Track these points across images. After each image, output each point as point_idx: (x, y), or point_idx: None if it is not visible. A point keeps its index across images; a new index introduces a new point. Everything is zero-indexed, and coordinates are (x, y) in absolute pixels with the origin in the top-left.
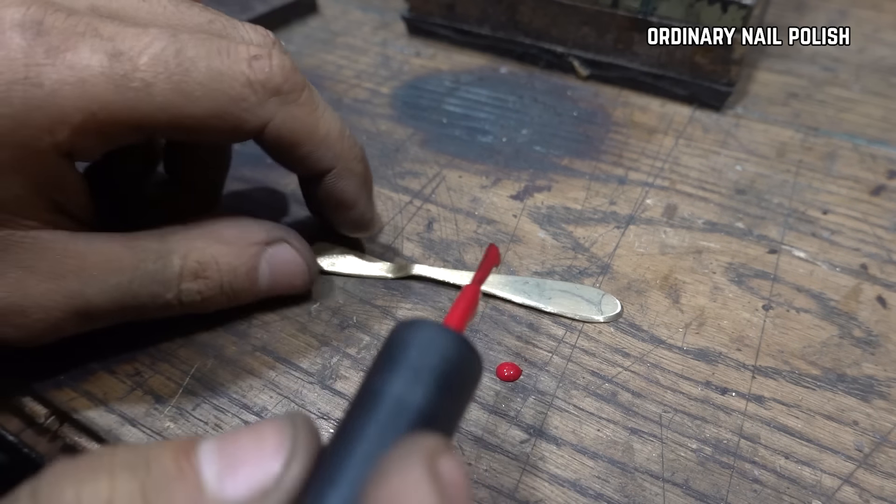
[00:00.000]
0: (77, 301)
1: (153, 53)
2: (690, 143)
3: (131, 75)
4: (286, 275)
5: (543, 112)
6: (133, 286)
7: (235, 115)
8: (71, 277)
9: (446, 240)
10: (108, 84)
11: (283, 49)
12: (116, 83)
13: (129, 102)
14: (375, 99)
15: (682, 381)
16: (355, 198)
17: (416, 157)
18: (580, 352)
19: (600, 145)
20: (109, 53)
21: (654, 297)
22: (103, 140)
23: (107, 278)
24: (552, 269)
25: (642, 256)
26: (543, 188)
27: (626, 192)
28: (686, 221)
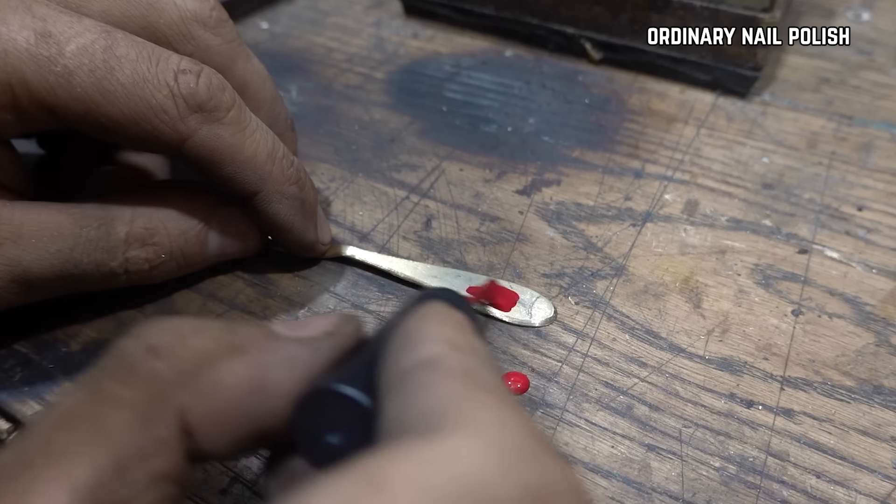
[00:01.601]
0: (15, 269)
1: (82, 43)
2: (713, 132)
3: (55, 59)
4: (237, 236)
5: (552, 99)
6: (75, 254)
7: (153, 125)
8: (7, 245)
9: (446, 239)
10: (30, 61)
11: None
12: (39, 63)
13: (48, 85)
14: (369, 85)
15: (703, 394)
16: (288, 222)
17: (413, 149)
18: (592, 361)
19: (614, 135)
20: (38, 32)
21: (674, 302)
22: (18, 118)
23: (46, 246)
24: (562, 271)
25: (660, 257)
26: (552, 182)
27: (643, 186)
28: (708, 219)
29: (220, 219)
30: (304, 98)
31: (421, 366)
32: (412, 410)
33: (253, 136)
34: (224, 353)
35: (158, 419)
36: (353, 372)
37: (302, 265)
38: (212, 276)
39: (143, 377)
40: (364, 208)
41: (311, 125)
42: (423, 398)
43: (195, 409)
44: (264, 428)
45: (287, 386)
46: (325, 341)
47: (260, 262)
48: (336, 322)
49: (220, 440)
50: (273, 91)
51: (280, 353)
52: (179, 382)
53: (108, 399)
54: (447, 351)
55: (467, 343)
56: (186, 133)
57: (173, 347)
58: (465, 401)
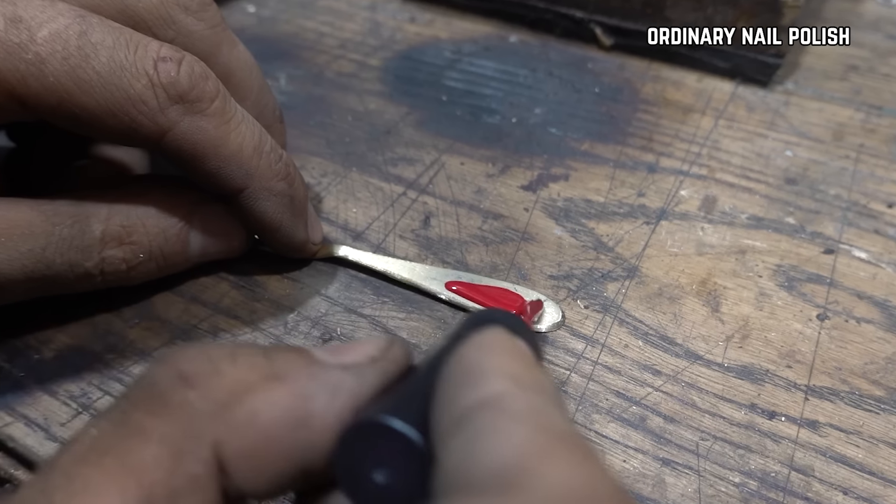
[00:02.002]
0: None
1: (55, 29)
2: (732, 124)
3: (26, 46)
4: (221, 235)
5: (560, 88)
6: (47, 254)
7: (131, 116)
8: None
9: (446, 238)
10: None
11: None
12: (8, 50)
13: (18, 74)
14: (363, 73)
15: (722, 404)
16: (277, 220)
17: (410, 141)
18: (603, 369)
19: (627, 127)
20: (7, 17)
21: (690, 306)
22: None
23: (16, 244)
24: (570, 273)
25: (676, 257)
26: (560, 177)
27: (657, 181)
28: (727, 216)
29: (203, 216)
30: (293, 87)
31: (483, 406)
32: (476, 462)
33: (238, 128)
34: (262, 382)
35: (191, 454)
36: (403, 404)
37: (291, 266)
38: (194, 278)
39: (175, 408)
40: (358, 205)
41: (300, 116)
42: (489, 447)
43: (231, 443)
44: (305, 464)
45: (330, 417)
46: (371, 368)
47: (246, 263)
48: (382, 346)
49: (257, 477)
50: (260, 79)
51: (322, 380)
52: (214, 414)
53: (137, 431)
54: (512, 389)
55: (533, 379)
56: (167, 125)
57: (207, 376)
58: (538, 453)
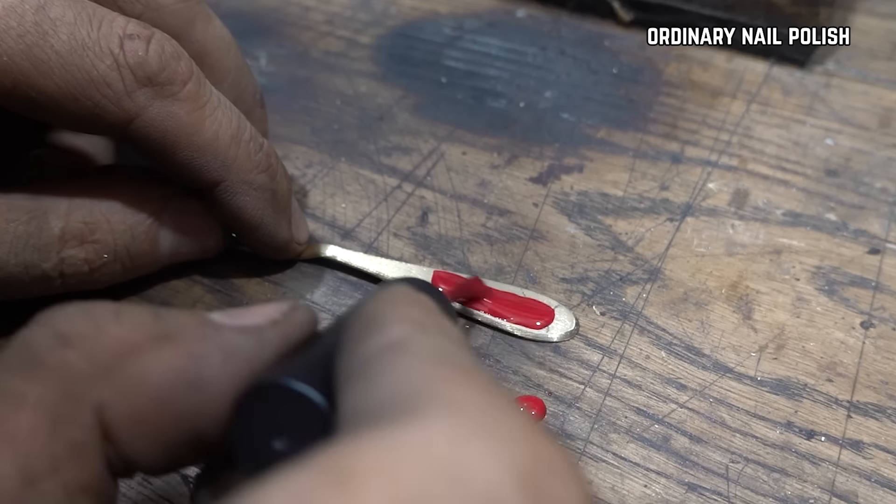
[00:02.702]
0: None
1: (9, 3)
2: (766, 108)
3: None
4: (193, 234)
5: (573, 68)
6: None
7: (94, 100)
8: None
9: (446, 236)
10: None
11: None
12: None
13: None
14: (353, 51)
15: (755, 422)
16: (257, 217)
17: (406, 128)
18: (622, 383)
19: (648, 112)
20: None
21: (719, 312)
22: None
23: None
24: (584, 275)
25: (703, 258)
26: (573, 168)
27: (682, 173)
28: (761, 212)
29: (175, 212)
30: (275, 67)
31: (385, 349)
32: (376, 397)
33: (214, 114)
34: (149, 342)
35: (71, 420)
36: (305, 366)
37: (272, 268)
38: (164, 281)
39: (52, 370)
40: (347, 200)
41: (283, 100)
42: (389, 382)
43: (115, 407)
44: (199, 433)
45: (225, 381)
46: (271, 330)
47: (222, 265)
48: (284, 310)
49: (146, 446)
50: (238, 59)
51: (216, 342)
52: (95, 376)
53: (10, 397)
54: (414, 332)
55: (437, 324)
56: (134, 111)
57: (88, 335)
58: (440, 380)
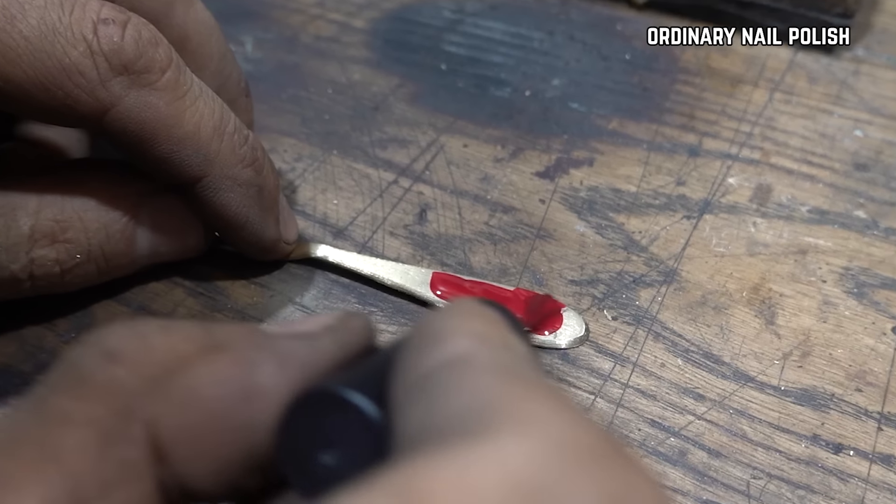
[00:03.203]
0: None
1: None
2: (791, 97)
3: None
4: (173, 232)
5: (583, 54)
6: None
7: (66, 90)
8: None
9: (446, 235)
10: None
11: None
12: None
13: None
14: (346, 36)
15: (778, 435)
16: (242, 215)
17: (403, 118)
18: (635, 393)
19: (663, 101)
20: None
21: (740, 316)
22: None
23: None
24: (595, 277)
25: (722, 259)
26: (583, 162)
27: (700, 167)
28: (784, 209)
29: (153, 210)
30: (262, 53)
31: (448, 365)
32: (441, 413)
33: (195, 104)
34: (199, 353)
35: (122, 438)
36: (360, 376)
37: (259, 270)
38: (143, 284)
39: (99, 387)
40: (340, 196)
41: (271, 89)
42: (455, 398)
43: (167, 422)
44: (256, 450)
45: (281, 389)
46: (326, 337)
47: (205, 266)
48: (340, 317)
49: (201, 465)
50: (222, 45)
51: (270, 348)
52: (145, 391)
53: (58, 417)
54: (480, 346)
55: (503, 339)
56: (109, 101)
57: (135, 350)
58: (510, 396)
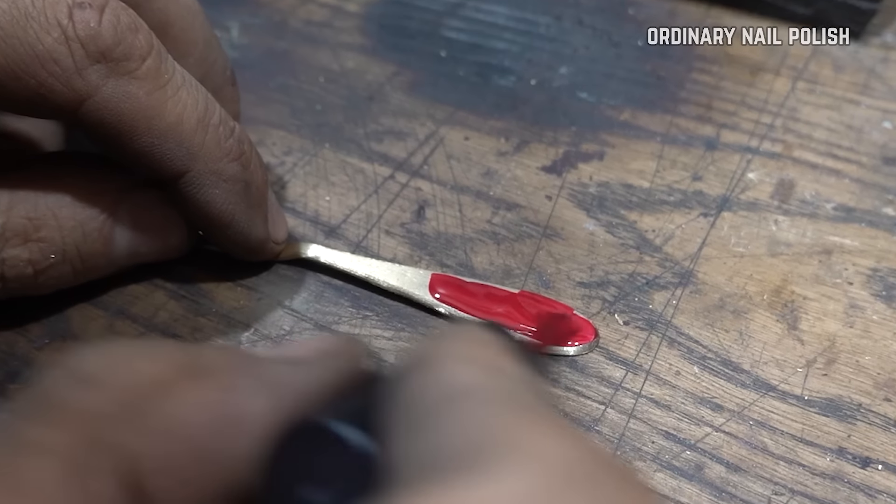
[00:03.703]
0: None
1: None
2: (815, 87)
3: None
4: (154, 231)
5: (592, 40)
6: None
7: (39, 79)
8: None
9: (446, 234)
10: None
11: None
12: None
13: None
14: (338, 20)
15: (801, 448)
16: (228, 213)
17: (399, 109)
18: (648, 403)
19: (678, 91)
20: None
21: (761, 321)
22: None
23: None
24: (605, 279)
25: (742, 259)
26: (592, 156)
27: (718, 161)
28: (808, 206)
29: (132, 207)
30: (249, 39)
31: (451, 395)
32: (442, 445)
33: (177, 94)
34: (180, 378)
35: (94, 469)
36: (355, 408)
37: (246, 271)
38: (121, 286)
39: (72, 414)
40: (332, 192)
41: (258, 77)
42: (457, 431)
43: (145, 452)
44: (239, 482)
45: (269, 418)
46: (320, 363)
47: (188, 267)
48: (335, 342)
49: (181, 498)
50: (206, 31)
51: (257, 373)
52: (121, 418)
53: (26, 446)
54: (485, 376)
55: (510, 369)
56: (85, 91)
57: (112, 374)
58: (517, 429)
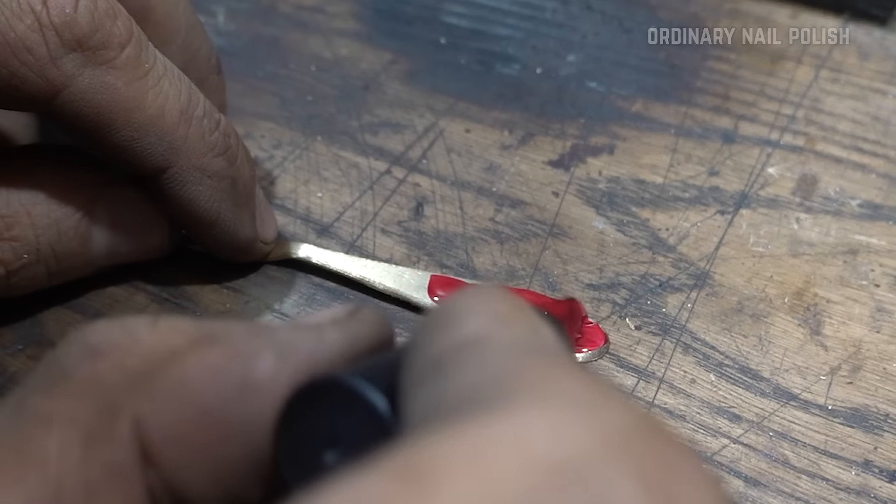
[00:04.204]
0: None
1: None
2: (839, 76)
3: None
4: (134, 230)
5: (602, 26)
6: None
7: (11, 69)
8: None
9: (445, 233)
10: None
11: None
12: None
13: None
14: (331, 5)
15: (825, 461)
16: (213, 211)
17: (396, 100)
18: (661, 413)
19: (694, 80)
20: None
21: (781, 325)
22: None
23: None
24: (616, 280)
25: (761, 259)
26: (602, 149)
27: (736, 155)
28: (832, 203)
29: (111, 204)
30: (235, 25)
31: (463, 344)
32: (454, 390)
33: (158, 84)
34: (191, 345)
35: (106, 438)
36: (370, 370)
37: (233, 272)
38: (99, 288)
39: (81, 384)
40: (325, 188)
41: (245, 66)
42: (470, 376)
43: (155, 420)
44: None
45: (281, 383)
46: (333, 328)
47: (170, 268)
48: (350, 309)
49: (194, 467)
50: (189, 16)
51: (269, 339)
52: (131, 386)
53: (38, 417)
54: (498, 325)
55: (527, 321)
56: (60, 81)
57: (121, 344)
58: (531, 371)
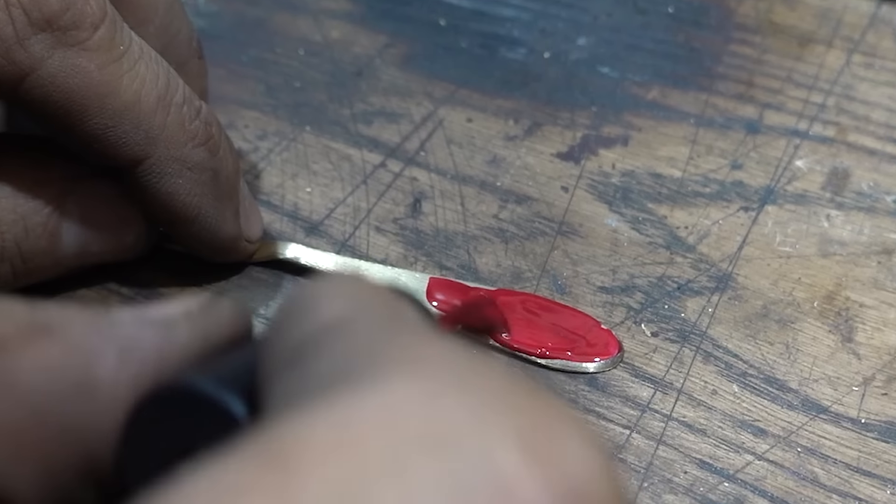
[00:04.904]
0: None
1: None
2: (873, 61)
3: None
4: (107, 227)
5: (615, 6)
6: None
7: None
8: None
9: (445, 230)
10: None
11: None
12: None
13: None
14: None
15: (858, 479)
16: (192, 206)
17: (392, 86)
18: (680, 427)
19: (715, 65)
20: None
21: (810, 332)
22: None
23: None
24: (630, 283)
25: (788, 260)
26: (616, 140)
27: (761, 146)
28: (866, 198)
29: (82, 199)
30: (218, 6)
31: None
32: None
33: (134, 68)
34: (21, 335)
35: None
36: (224, 370)
37: (214, 273)
38: (69, 290)
39: None
40: (314, 182)
41: (229, 49)
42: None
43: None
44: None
45: (123, 385)
46: (184, 324)
47: (146, 269)
48: (203, 302)
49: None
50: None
51: (111, 335)
52: None
53: None
54: (359, 308)
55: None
56: (28, 64)
57: None
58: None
